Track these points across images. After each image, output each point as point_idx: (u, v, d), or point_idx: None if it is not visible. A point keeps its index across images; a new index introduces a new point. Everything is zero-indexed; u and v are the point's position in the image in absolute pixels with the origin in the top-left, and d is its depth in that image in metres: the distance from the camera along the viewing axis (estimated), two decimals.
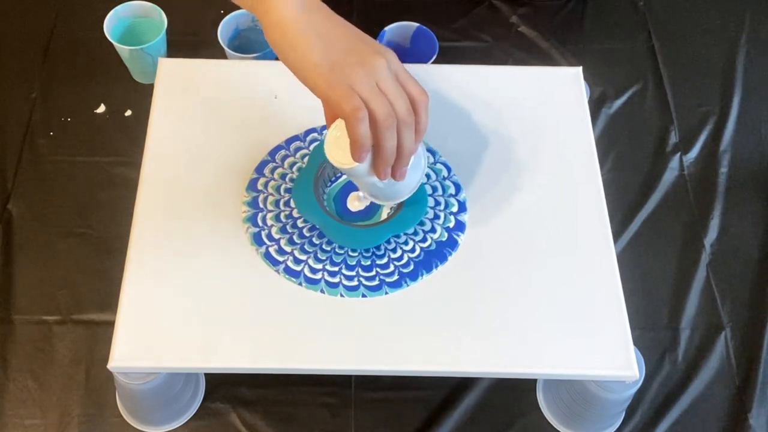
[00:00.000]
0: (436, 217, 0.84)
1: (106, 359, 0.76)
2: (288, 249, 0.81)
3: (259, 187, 0.85)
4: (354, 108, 0.66)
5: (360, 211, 0.85)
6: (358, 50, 0.69)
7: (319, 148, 0.85)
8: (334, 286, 0.80)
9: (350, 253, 0.81)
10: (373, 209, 0.85)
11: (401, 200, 0.80)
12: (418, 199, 0.83)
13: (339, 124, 0.72)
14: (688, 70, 1.27)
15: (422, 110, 0.71)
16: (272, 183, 0.85)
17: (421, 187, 0.84)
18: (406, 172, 0.73)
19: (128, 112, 1.17)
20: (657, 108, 1.23)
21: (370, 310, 0.79)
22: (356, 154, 0.69)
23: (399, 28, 1.16)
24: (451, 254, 0.82)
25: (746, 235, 1.12)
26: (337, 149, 0.72)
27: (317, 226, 0.82)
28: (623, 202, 1.13)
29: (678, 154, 1.18)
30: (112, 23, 1.14)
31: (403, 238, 0.83)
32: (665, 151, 1.19)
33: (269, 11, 0.69)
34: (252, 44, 1.18)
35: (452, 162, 0.88)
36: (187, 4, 1.27)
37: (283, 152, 0.88)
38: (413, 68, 0.99)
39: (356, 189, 0.86)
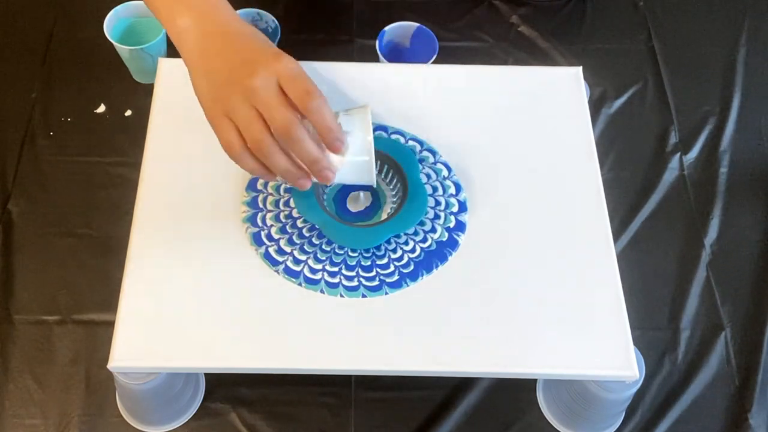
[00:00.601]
0: (437, 217, 0.84)
1: (106, 359, 0.76)
2: (288, 249, 0.81)
3: (259, 186, 0.85)
4: (227, 146, 0.70)
5: (360, 211, 0.86)
6: (234, 77, 0.69)
7: None
8: (334, 286, 0.80)
9: (350, 254, 0.81)
10: (373, 209, 0.85)
11: (367, 177, 0.78)
12: (418, 199, 0.83)
13: None
14: (688, 70, 1.27)
15: (310, 112, 0.69)
16: (271, 183, 0.85)
17: (422, 187, 0.84)
18: (331, 174, 0.73)
19: (128, 112, 1.17)
20: (657, 108, 1.23)
21: (370, 311, 0.79)
22: (267, 179, 0.73)
23: (399, 28, 1.16)
24: (451, 254, 0.82)
25: (746, 235, 1.12)
26: None
27: (317, 226, 0.82)
28: (623, 202, 1.13)
29: (678, 154, 1.18)
30: (112, 23, 1.14)
31: (403, 238, 0.83)
32: (665, 151, 1.19)
33: (181, 49, 0.73)
34: None
35: (452, 162, 0.88)
36: None
37: None
38: (413, 68, 0.99)
39: (355, 189, 0.86)
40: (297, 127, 0.69)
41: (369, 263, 0.81)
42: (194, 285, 0.79)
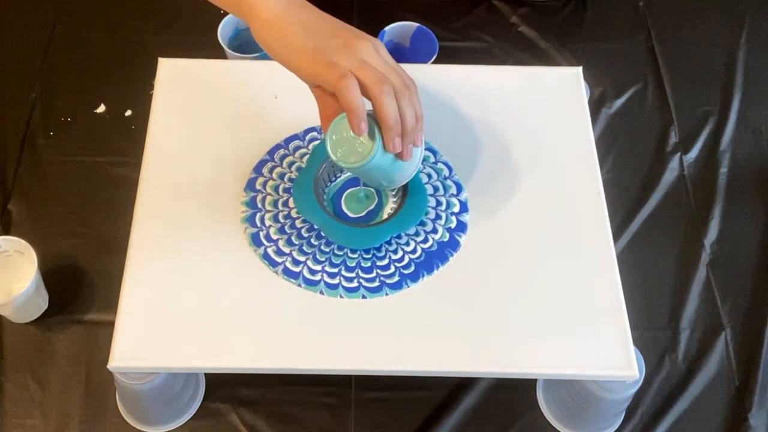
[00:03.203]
0: (438, 217, 0.84)
1: (106, 359, 0.76)
2: (286, 250, 0.81)
3: (258, 186, 0.85)
4: (340, 75, 0.67)
5: (360, 209, 0.85)
6: (341, 35, 0.70)
7: (319, 148, 0.85)
8: (334, 287, 0.80)
9: (350, 254, 0.81)
10: (373, 210, 0.85)
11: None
12: (418, 199, 0.83)
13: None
14: (688, 70, 1.27)
15: (415, 96, 0.71)
16: (271, 183, 0.85)
17: (422, 186, 0.84)
18: (412, 151, 0.72)
19: (128, 112, 1.17)
20: (657, 108, 1.23)
21: (370, 311, 0.79)
22: (354, 123, 0.68)
23: (399, 28, 1.16)
24: (452, 255, 0.82)
25: (746, 235, 1.12)
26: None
27: (317, 227, 0.82)
28: (623, 202, 1.13)
29: (678, 154, 1.18)
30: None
31: (404, 239, 0.83)
32: (665, 151, 1.19)
33: (255, 11, 0.71)
34: (252, 44, 1.17)
35: (452, 162, 0.88)
36: (187, 4, 1.27)
37: (282, 151, 0.88)
38: (413, 68, 0.99)
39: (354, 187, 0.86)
40: (410, 90, 0.70)
41: (369, 264, 0.81)
42: (194, 285, 0.79)
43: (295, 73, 0.71)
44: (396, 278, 0.80)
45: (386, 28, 1.15)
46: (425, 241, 0.83)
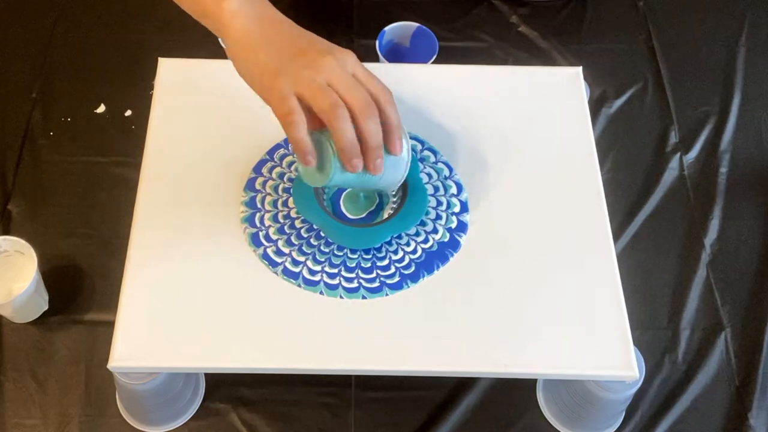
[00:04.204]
0: (438, 217, 0.84)
1: (106, 359, 0.76)
2: (286, 250, 0.81)
3: (257, 186, 0.85)
4: (286, 112, 0.69)
5: (359, 212, 0.85)
6: (305, 54, 0.70)
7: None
8: (334, 287, 0.79)
9: (350, 255, 0.81)
10: (373, 210, 0.85)
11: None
12: (418, 199, 0.83)
13: None
14: (688, 70, 1.27)
15: (387, 106, 0.71)
16: (270, 183, 0.85)
17: (422, 186, 0.84)
18: (381, 165, 0.72)
19: (128, 112, 1.17)
20: (657, 108, 1.23)
21: (370, 311, 0.79)
22: (300, 157, 0.70)
23: (399, 28, 1.16)
24: (452, 255, 0.82)
25: (746, 235, 1.12)
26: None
27: (316, 227, 0.82)
28: (623, 202, 1.13)
29: (678, 154, 1.18)
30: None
31: (404, 239, 0.83)
32: (665, 151, 1.19)
33: (228, 29, 0.72)
34: None
35: (452, 162, 0.88)
36: None
37: (281, 151, 0.88)
38: (413, 68, 0.99)
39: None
40: (375, 107, 0.69)
41: (369, 264, 0.81)
42: (194, 285, 0.79)
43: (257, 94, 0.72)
44: (396, 278, 0.80)
45: (386, 28, 1.15)
46: (425, 241, 0.83)
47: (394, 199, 0.85)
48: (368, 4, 1.29)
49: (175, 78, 0.92)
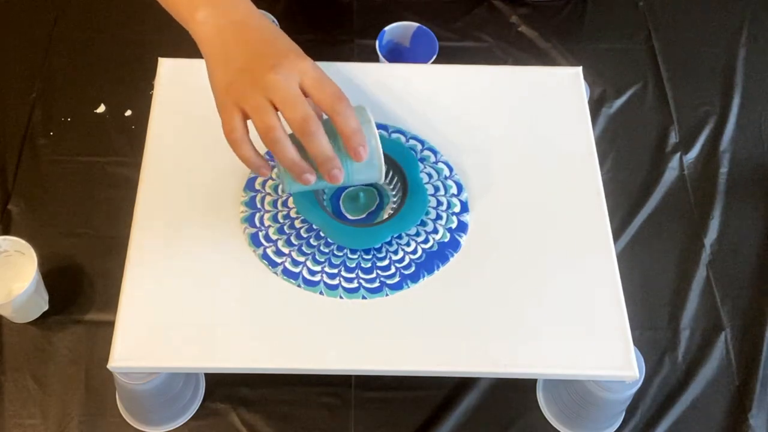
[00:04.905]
0: (438, 217, 0.84)
1: (106, 359, 0.76)
2: (286, 250, 0.81)
3: (257, 186, 0.85)
4: (227, 131, 0.70)
5: (359, 212, 0.85)
6: (252, 70, 0.70)
7: None
8: (333, 288, 0.79)
9: (350, 255, 0.81)
10: (373, 210, 0.85)
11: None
12: (418, 198, 0.83)
13: None
14: (688, 70, 1.27)
15: (337, 116, 0.70)
16: (270, 182, 0.85)
17: (422, 186, 0.84)
18: (340, 174, 0.72)
19: (128, 112, 1.17)
20: (657, 108, 1.23)
21: (370, 311, 0.79)
22: (253, 171, 0.71)
23: (399, 28, 1.16)
24: (453, 255, 0.82)
25: (746, 235, 1.12)
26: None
27: (316, 227, 0.82)
28: (623, 202, 1.13)
29: (678, 154, 1.18)
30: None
31: (404, 239, 0.83)
32: (665, 151, 1.19)
33: (199, 41, 0.74)
34: None
35: (452, 162, 0.88)
36: None
37: None
38: (413, 68, 0.99)
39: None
40: (316, 122, 0.69)
41: (369, 264, 0.81)
42: (194, 285, 0.79)
43: None
44: (396, 278, 0.80)
45: (386, 28, 1.15)
46: (426, 241, 0.83)
47: (394, 199, 0.85)
48: (368, 4, 1.29)
49: (175, 78, 0.92)
